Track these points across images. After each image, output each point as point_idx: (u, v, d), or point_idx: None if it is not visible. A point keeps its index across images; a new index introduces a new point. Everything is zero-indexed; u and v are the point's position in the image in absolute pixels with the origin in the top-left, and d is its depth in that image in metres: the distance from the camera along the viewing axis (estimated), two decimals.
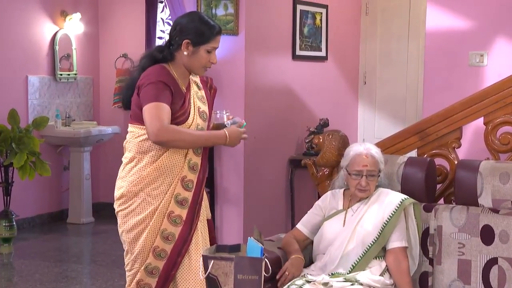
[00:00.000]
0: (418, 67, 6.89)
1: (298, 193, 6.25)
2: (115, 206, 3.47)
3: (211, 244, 3.53)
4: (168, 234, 3.37)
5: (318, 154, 6.14)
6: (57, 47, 7.68)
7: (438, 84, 5.12)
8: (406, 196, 3.63)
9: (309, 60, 6.38)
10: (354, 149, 3.76)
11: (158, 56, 3.44)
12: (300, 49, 6.22)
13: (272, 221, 5.98)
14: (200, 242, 3.45)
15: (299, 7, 6.18)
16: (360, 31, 7.17)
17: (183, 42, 3.38)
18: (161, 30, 7.93)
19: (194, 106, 3.47)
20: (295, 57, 6.19)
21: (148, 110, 3.28)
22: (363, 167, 3.64)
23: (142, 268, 3.40)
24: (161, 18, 7.92)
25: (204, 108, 3.54)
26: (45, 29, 7.59)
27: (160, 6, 7.91)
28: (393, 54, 7.03)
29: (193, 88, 3.53)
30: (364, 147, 3.73)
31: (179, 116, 3.37)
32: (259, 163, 5.85)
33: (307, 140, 6.24)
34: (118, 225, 3.49)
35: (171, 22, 7.86)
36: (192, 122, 3.43)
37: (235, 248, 3.22)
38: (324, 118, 6.24)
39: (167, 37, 7.62)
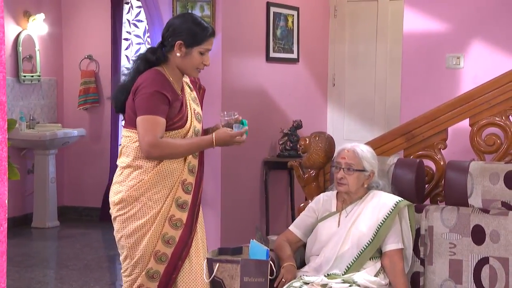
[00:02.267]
0: (386, 70, 6.97)
1: (272, 195, 6.26)
2: (113, 211, 3.41)
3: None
4: (169, 238, 3.35)
5: (292, 156, 6.20)
6: (20, 48, 7.54)
7: (415, 86, 5.18)
8: (400, 198, 3.67)
9: (282, 62, 6.40)
10: (342, 145, 3.82)
11: (151, 58, 3.41)
12: (274, 51, 6.23)
13: (247, 223, 5.97)
14: (200, 245, 3.45)
15: (272, 9, 6.19)
16: (329, 34, 7.21)
17: (176, 43, 3.35)
18: (127, 31, 7.87)
19: (191, 109, 3.46)
20: (268, 59, 6.20)
21: (142, 123, 3.27)
22: (342, 159, 3.70)
23: (143, 273, 3.37)
24: (127, 19, 7.85)
25: (198, 109, 3.54)
26: (8, 30, 7.45)
27: (126, 7, 7.85)
28: (361, 57, 7.10)
29: (187, 90, 3.52)
30: (351, 144, 3.80)
31: (177, 121, 3.36)
32: (235, 166, 5.84)
33: (281, 142, 6.25)
34: (115, 230, 3.44)
35: (137, 24, 7.81)
36: (190, 126, 3.41)
37: (237, 251, 3.22)
38: (298, 120, 6.26)
39: (133, 39, 7.71)
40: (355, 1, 7.07)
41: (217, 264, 3.05)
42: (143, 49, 7.79)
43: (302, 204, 4.33)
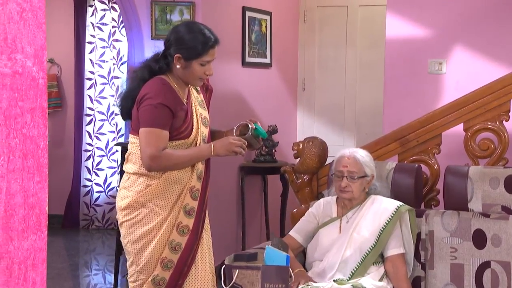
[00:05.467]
0: (355, 75, 7.00)
1: (249, 200, 6.22)
2: (119, 216, 3.36)
3: None
4: (176, 244, 3.31)
5: (267, 161, 6.17)
6: None
7: (398, 91, 5.22)
8: (401, 203, 3.68)
9: (256, 66, 6.36)
10: (340, 152, 3.81)
11: (154, 67, 3.35)
12: (249, 55, 6.19)
13: (225, 229, 5.92)
14: (205, 251, 3.42)
15: (248, 14, 6.15)
16: (299, 39, 7.21)
17: (175, 56, 3.28)
18: (91, 35, 7.71)
19: (197, 115, 3.40)
20: (244, 63, 6.15)
21: (144, 135, 3.22)
22: (343, 168, 3.69)
23: (149, 279, 3.31)
24: (91, 22, 7.70)
25: (205, 113, 3.49)
26: None
27: (89, 9, 7.70)
28: (331, 62, 7.10)
29: (193, 94, 3.46)
30: (350, 150, 3.79)
31: (182, 131, 3.31)
32: (212, 171, 5.76)
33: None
34: (122, 236, 3.38)
35: (102, 27, 7.67)
36: (197, 134, 3.36)
37: (253, 257, 3.18)
38: (273, 124, 6.24)
39: (97, 42, 7.57)
40: (325, 7, 7.08)
41: (237, 271, 3.00)
42: (108, 52, 7.67)
43: (295, 210, 4.31)
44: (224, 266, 3.10)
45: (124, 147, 5.55)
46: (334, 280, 3.52)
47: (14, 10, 1.77)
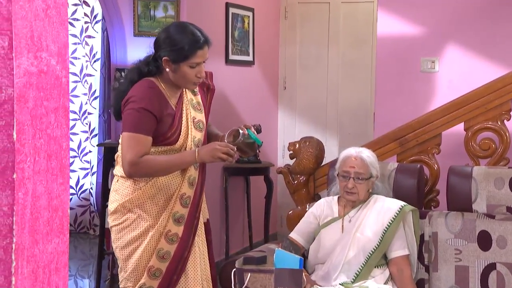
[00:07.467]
0: (338, 73, 6.90)
1: (232, 202, 6.09)
2: (109, 220, 3.25)
3: (208, 250, 3.38)
4: (164, 253, 3.18)
5: (251, 161, 6.04)
6: None
7: (390, 89, 5.13)
8: (404, 203, 3.60)
9: (239, 64, 6.23)
10: (346, 151, 3.71)
11: (144, 70, 3.21)
12: (232, 53, 6.05)
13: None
14: (197, 260, 3.29)
15: (231, 10, 6.01)
16: (280, 36, 7.08)
17: (163, 59, 3.14)
18: None
19: (187, 119, 3.24)
20: (228, 61, 6.02)
21: (125, 140, 3.10)
22: (351, 168, 3.60)
23: (136, 287, 3.19)
24: None
25: (200, 116, 3.33)
26: None
27: None
28: (312, 59, 6.99)
29: (187, 97, 3.30)
30: (356, 150, 3.71)
31: (169, 137, 3.18)
32: None
33: None
34: (112, 240, 3.26)
35: (74, 23, 7.46)
36: (185, 139, 3.21)
37: (262, 260, 3.07)
38: (257, 124, 6.09)
39: (69, 38, 7.30)
40: (306, 3, 6.97)
41: (249, 274, 2.88)
42: (80, 49, 7.45)
43: (291, 212, 4.20)
44: (234, 269, 2.98)
45: (106, 148, 5.39)
46: (340, 284, 3.44)
47: (39, 7, 1.73)
